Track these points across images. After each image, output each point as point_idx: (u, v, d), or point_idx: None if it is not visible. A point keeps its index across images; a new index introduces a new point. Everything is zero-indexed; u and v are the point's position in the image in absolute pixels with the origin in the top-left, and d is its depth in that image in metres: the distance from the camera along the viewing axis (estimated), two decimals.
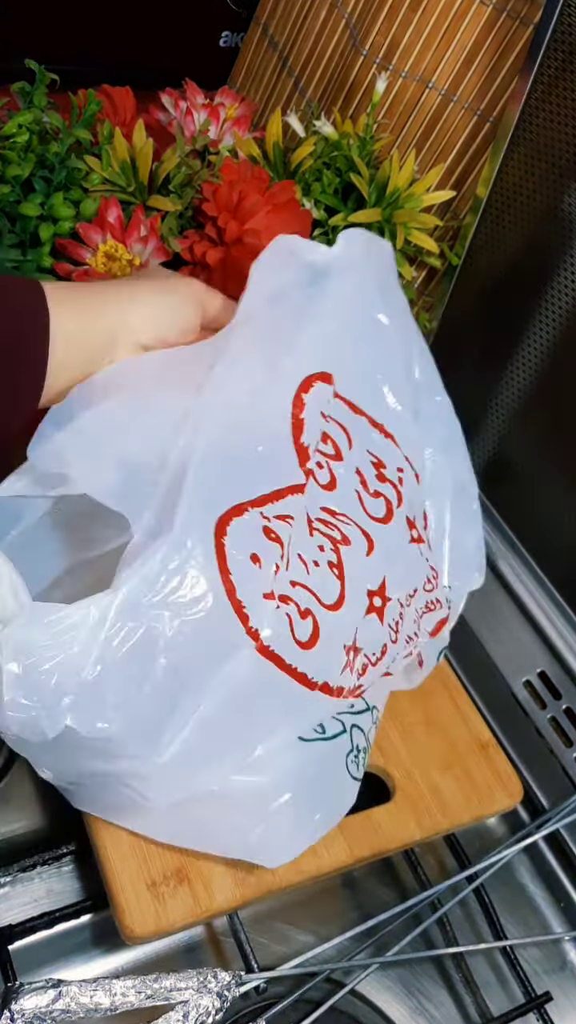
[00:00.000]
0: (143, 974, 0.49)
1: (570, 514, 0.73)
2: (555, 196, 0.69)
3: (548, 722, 0.70)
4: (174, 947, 0.57)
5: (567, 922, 0.66)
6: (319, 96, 0.87)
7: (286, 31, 0.90)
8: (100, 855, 0.52)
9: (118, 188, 0.66)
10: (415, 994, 0.59)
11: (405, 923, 0.58)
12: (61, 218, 0.62)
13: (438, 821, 0.59)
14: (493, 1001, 0.59)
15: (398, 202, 0.74)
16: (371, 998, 0.58)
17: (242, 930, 0.55)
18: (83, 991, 0.48)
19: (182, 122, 0.73)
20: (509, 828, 0.69)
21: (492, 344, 0.79)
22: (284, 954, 0.56)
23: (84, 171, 0.65)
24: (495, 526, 0.81)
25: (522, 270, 0.74)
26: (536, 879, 0.67)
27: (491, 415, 0.80)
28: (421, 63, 0.78)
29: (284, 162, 0.75)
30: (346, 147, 0.74)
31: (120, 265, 0.62)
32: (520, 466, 0.77)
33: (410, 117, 0.80)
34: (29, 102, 0.65)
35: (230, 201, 0.64)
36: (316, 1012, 0.54)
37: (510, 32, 0.74)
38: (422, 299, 0.85)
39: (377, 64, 0.79)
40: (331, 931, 0.57)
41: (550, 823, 0.64)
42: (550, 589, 0.76)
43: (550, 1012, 0.58)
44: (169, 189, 0.67)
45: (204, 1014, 0.50)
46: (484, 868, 0.61)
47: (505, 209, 0.74)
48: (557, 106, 0.68)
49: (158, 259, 0.64)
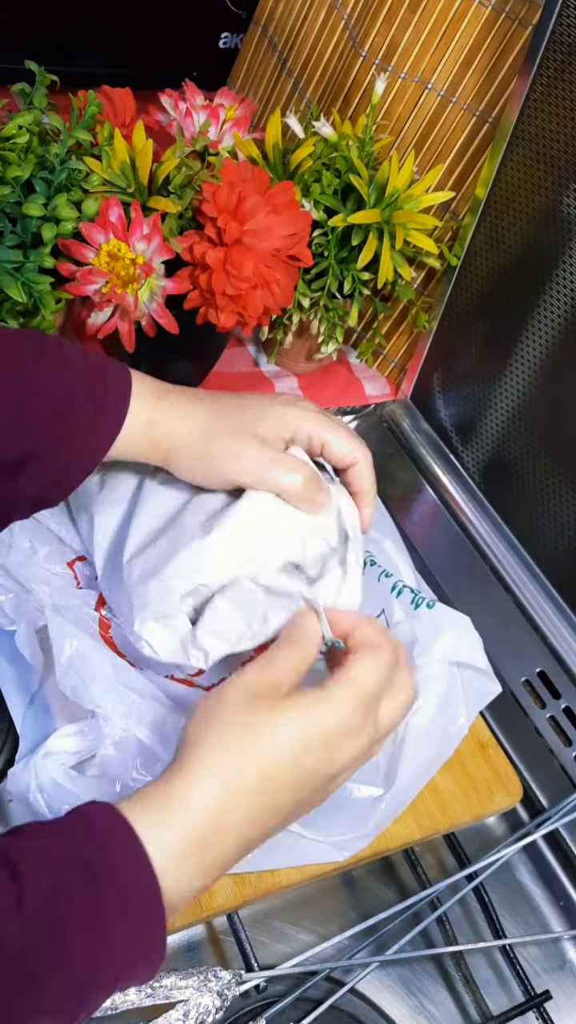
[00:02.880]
0: None
1: (569, 514, 0.73)
2: (554, 196, 0.69)
3: (547, 721, 0.71)
4: (175, 946, 0.57)
5: (566, 921, 0.66)
6: (318, 97, 0.87)
7: (285, 32, 0.90)
8: None
9: (118, 189, 0.66)
10: (415, 993, 0.60)
11: (405, 922, 0.58)
12: (64, 219, 0.62)
13: (437, 820, 0.59)
14: (493, 1000, 0.60)
15: (397, 203, 0.74)
16: (371, 997, 0.58)
17: (242, 929, 0.55)
18: None
19: (182, 123, 0.73)
20: (508, 827, 0.69)
21: (491, 344, 0.79)
22: (284, 953, 0.57)
23: (84, 172, 0.65)
24: (494, 526, 0.81)
25: (521, 270, 0.74)
26: (535, 878, 0.67)
27: (490, 415, 0.80)
28: (420, 64, 0.78)
29: (284, 163, 0.75)
30: (345, 148, 0.74)
31: (123, 264, 0.62)
32: (519, 465, 0.77)
33: (409, 118, 0.80)
34: (29, 103, 0.65)
35: (230, 202, 0.65)
36: (316, 1011, 0.54)
37: (509, 33, 0.74)
38: (421, 299, 0.85)
39: (376, 65, 0.79)
40: (331, 930, 0.58)
41: (549, 822, 0.64)
42: (549, 589, 0.76)
43: (549, 1011, 0.58)
44: (169, 190, 0.67)
45: (204, 1013, 0.50)
46: (483, 867, 0.61)
47: (504, 210, 0.74)
48: (556, 107, 0.68)
49: (161, 257, 0.64)
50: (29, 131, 0.63)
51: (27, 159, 0.62)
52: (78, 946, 0.36)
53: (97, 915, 0.36)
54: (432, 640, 0.59)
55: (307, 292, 0.76)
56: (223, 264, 0.64)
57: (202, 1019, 0.50)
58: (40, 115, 0.64)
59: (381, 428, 0.89)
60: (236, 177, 0.66)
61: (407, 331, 0.89)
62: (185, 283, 0.66)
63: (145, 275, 0.63)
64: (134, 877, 0.38)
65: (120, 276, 0.62)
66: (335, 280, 0.76)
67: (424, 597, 0.63)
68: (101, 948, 0.37)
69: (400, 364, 0.91)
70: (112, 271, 0.62)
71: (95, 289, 0.63)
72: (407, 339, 0.90)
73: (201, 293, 0.66)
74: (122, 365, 0.54)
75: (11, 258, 0.61)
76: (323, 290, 0.77)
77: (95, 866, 0.37)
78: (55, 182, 0.63)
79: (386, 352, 0.92)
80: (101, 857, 0.37)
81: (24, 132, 0.63)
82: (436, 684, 0.58)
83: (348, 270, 0.76)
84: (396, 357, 0.92)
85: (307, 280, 0.76)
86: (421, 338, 0.86)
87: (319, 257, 0.76)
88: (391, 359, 0.92)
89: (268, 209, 0.65)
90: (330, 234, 0.75)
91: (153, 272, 0.64)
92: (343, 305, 0.79)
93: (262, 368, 0.88)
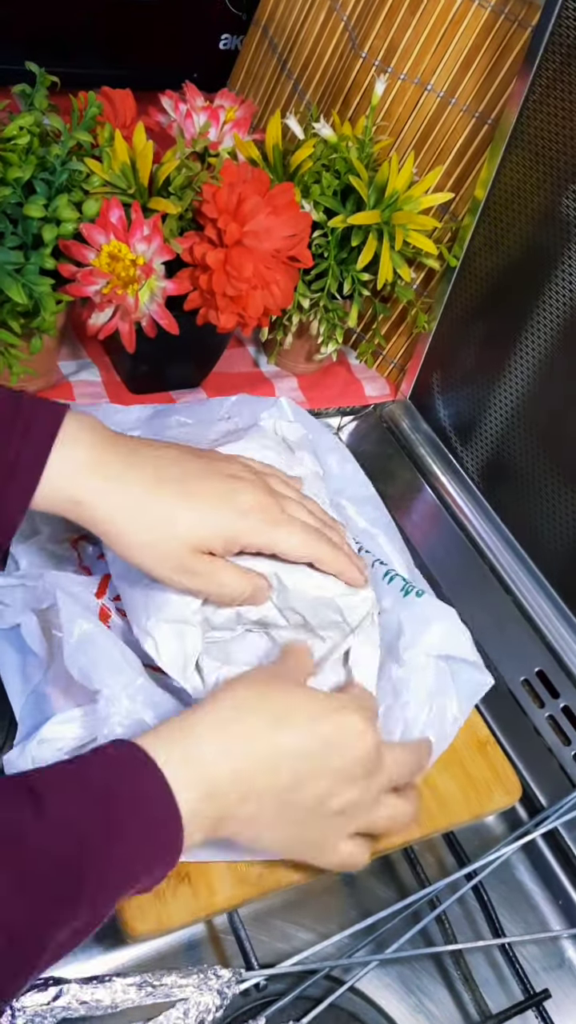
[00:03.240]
0: (144, 971, 0.50)
1: (568, 514, 0.74)
2: (553, 197, 0.70)
3: (546, 720, 0.71)
4: (175, 945, 0.57)
5: (565, 919, 0.66)
6: (318, 98, 0.87)
7: (285, 34, 0.90)
8: None
9: (119, 190, 0.66)
10: (414, 991, 0.60)
11: (404, 921, 0.58)
12: (65, 220, 0.63)
13: (437, 819, 0.60)
14: (492, 998, 0.60)
15: (397, 204, 0.74)
16: (371, 995, 0.58)
17: (242, 928, 0.55)
18: (84, 989, 0.48)
19: (182, 124, 0.73)
20: (507, 826, 0.69)
21: (490, 345, 0.79)
22: (284, 952, 0.57)
23: (85, 173, 0.65)
24: (494, 526, 0.81)
25: (520, 271, 0.74)
26: (534, 877, 0.67)
27: (489, 415, 0.80)
28: (419, 65, 0.78)
29: (283, 164, 0.75)
30: (345, 149, 0.75)
31: (123, 265, 0.62)
32: (518, 465, 0.78)
33: (409, 119, 0.80)
34: (30, 104, 0.66)
35: (230, 203, 0.65)
36: (316, 1009, 0.54)
37: (508, 34, 0.74)
38: (420, 300, 0.85)
39: (376, 66, 0.79)
40: (331, 929, 0.58)
41: (548, 821, 0.65)
42: (548, 588, 0.77)
43: (548, 1009, 0.58)
44: (169, 191, 0.68)
45: (205, 1011, 0.50)
46: (483, 866, 0.61)
47: (503, 211, 0.75)
48: (555, 108, 0.68)
49: (162, 258, 0.64)
50: (30, 132, 0.63)
51: (28, 160, 0.63)
52: (97, 845, 0.39)
53: (113, 818, 0.40)
54: (419, 633, 0.59)
55: (307, 293, 0.77)
56: (223, 265, 0.64)
57: (202, 1017, 0.50)
58: (41, 116, 0.65)
59: (380, 428, 0.90)
60: (236, 178, 0.66)
61: (406, 332, 0.90)
62: (185, 284, 0.67)
63: (146, 276, 0.63)
64: (146, 783, 0.42)
65: (121, 277, 0.63)
66: (335, 281, 0.76)
67: (415, 586, 0.62)
68: (118, 846, 0.40)
69: (399, 364, 0.92)
70: (113, 272, 0.62)
71: (96, 290, 0.63)
72: (406, 340, 0.90)
73: (201, 294, 0.67)
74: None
75: (12, 259, 0.62)
76: (323, 291, 0.77)
77: (108, 776, 0.41)
78: (56, 183, 0.64)
79: (385, 353, 0.92)
80: (111, 768, 0.42)
81: (25, 133, 0.63)
82: (423, 676, 0.58)
83: (348, 271, 0.76)
84: (395, 358, 0.92)
85: (307, 281, 0.77)
86: (420, 339, 0.87)
87: (319, 258, 0.76)
88: (390, 360, 0.92)
89: (268, 210, 0.65)
90: (330, 235, 0.75)
91: (153, 273, 0.64)
92: (343, 306, 0.79)
93: (262, 369, 0.88)
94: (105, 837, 0.40)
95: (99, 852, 0.39)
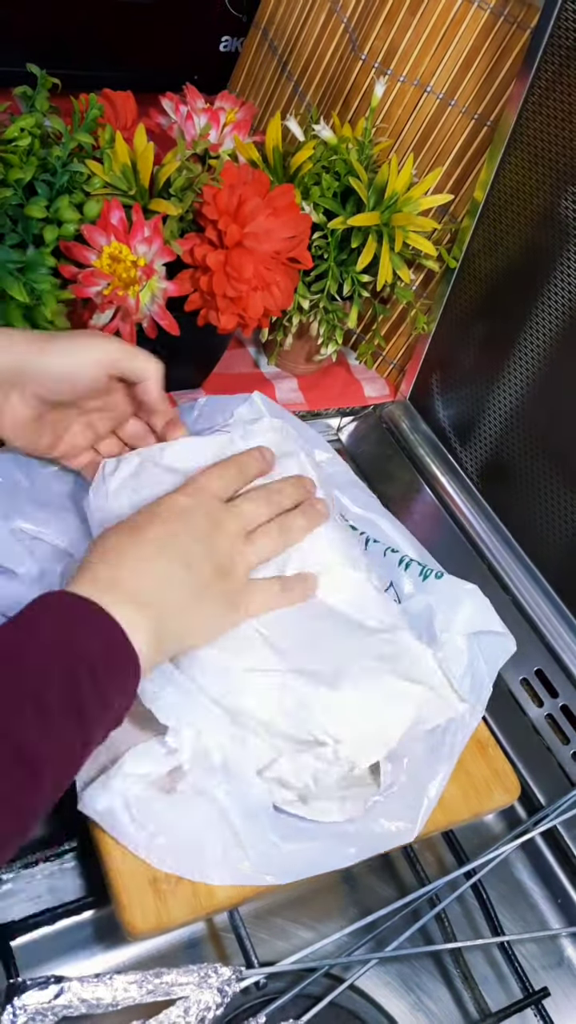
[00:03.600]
0: (144, 970, 0.50)
1: (566, 514, 0.74)
2: (552, 199, 0.70)
3: (545, 720, 0.71)
4: (175, 943, 0.58)
5: (564, 918, 0.66)
6: (318, 100, 0.88)
7: (285, 36, 0.90)
8: (102, 852, 0.53)
9: (119, 192, 0.66)
10: (414, 989, 0.60)
11: (404, 919, 0.58)
12: (66, 221, 0.63)
13: (436, 818, 0.60)
14: (491, 996, 0.60)
15: (396, 205, 0.74)
16: (370, 993, 0.58)
17: (242, 926, 0.55)
18: (85, 987, 0.48)
19: (183, 126, 0.73)
20: (507, 825, 0.69)
21: (489, 345, 0.79)
22: (284, 950, 0.57)
23: (86, 175, 0.65)
24: (493, 526, 0.81)
25: (519, 272, 0.75)
26: (533, 875, 0.67)
27: (489, 416, 0.80)
28: (419, 67, 0.78)
29: (284, 166, 0.76)
30: (345, 151, 0.75)
31: (124, 266, 0.63)
32: (517, 466, 0.78)
33: (408, 121, 0.81)
34: (31, 106, 0.66)
35: (230, 205, 0.65)
36: (316, 1007, 0.54)
37: (507, 36, 0.75)
38: (420, 301, 0.86)
39: (376, 68, 0.80)
40: (330, 927, 0.58)
41: (547, 820, 0.65)
42: (547, 588, 0.77)
43: (547, 1008, 0.59)
44: (170, 193, 0.68)
45: (205, 1009, 0.50)
46: (482, 864, 0.62)
47: (502, 212, 0.75)
48: (554, 109, 0.68)
49: (162, 259, 0.64)
50: (31, 134, 0.63)
51: (29, 161, 0.63)
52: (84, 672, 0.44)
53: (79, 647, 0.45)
54: (452, 614, 0.62)
55: (307, 294, 0.77)
56: (224, 266, 0.65)
57: (202, 1015, 0.50)
58: (42, 118, 0.65)
59: (380, 429, 0.90)
60: (236, 180, 0.66)
61: (406, 333, 0.90)
62: (186, 285, 0.67)
63: (146, 277, 0.64)
64: (80, 606, 0.47)
65: (121, 278, 0.63)
66: (335, 282, 0.77)
67: (432, 569, 0.65)
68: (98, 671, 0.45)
69: (399, 365, 0.92)
70: (114, 273, 0.63)
71: (97, 291, 0.63)
72: (406, 341, 0.90)
73: (202, 295, 0.67)
74: None
75: (13, 259, 0.62)
76: (323, 292, 0.77)
77: (53, 618, 0.46)
78: (57, 184, 0.64)
79: (385, 353, 0.92)
80: (51, 610, 0.47)
81: (26, 135, 0.63)
82: (461, 658, 0.61)
83: (347, 272, 0.77)
84: (395, 358, 0.92)
85: (307, 282, 0.77)
86: (420, 340, 0.87)
87: (319, 259, 0.76)
88: (390, 360, 0.92)
89: (268, 212, 0.66)
90: (330, 236, 0.76)
91: (154, 274, 0.64)
92: (342, 307, 0.80)
93: (262, 369, 0.88)
94: (88, 669, 0.45)
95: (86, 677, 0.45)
